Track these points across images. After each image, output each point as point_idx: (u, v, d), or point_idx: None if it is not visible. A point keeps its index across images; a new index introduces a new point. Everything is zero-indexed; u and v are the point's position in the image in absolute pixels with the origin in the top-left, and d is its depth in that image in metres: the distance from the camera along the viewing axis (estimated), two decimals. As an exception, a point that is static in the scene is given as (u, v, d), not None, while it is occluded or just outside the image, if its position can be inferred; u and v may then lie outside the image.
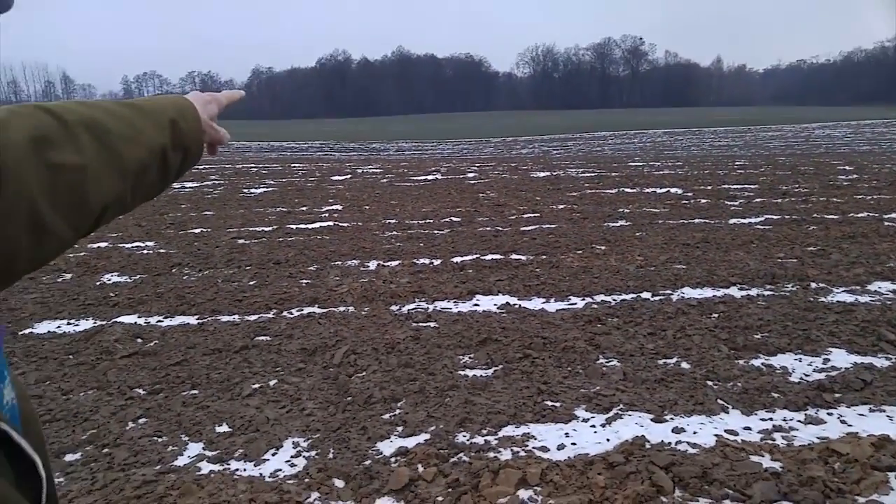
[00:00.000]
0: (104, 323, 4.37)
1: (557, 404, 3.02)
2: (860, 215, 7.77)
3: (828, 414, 2.82)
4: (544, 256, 6.01)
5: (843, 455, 2.38)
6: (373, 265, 5.89)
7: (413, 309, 4.54)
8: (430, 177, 14.45)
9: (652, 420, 2.85)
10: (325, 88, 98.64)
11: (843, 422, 2.75)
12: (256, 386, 3.26)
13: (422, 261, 6.00)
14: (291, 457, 2.60)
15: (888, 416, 2.79)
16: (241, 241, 7.20)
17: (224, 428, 2.85)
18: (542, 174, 13.66)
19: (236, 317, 4.43)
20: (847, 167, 14.05)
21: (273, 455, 2.63)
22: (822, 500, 2.16)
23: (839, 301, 4.39)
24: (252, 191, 12.04)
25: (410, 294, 4.89)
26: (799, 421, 2.77)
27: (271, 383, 3.30)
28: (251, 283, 5.34)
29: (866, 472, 2.27)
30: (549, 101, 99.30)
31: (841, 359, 3.41)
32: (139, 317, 4.50)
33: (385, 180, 13.91)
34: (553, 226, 7.62)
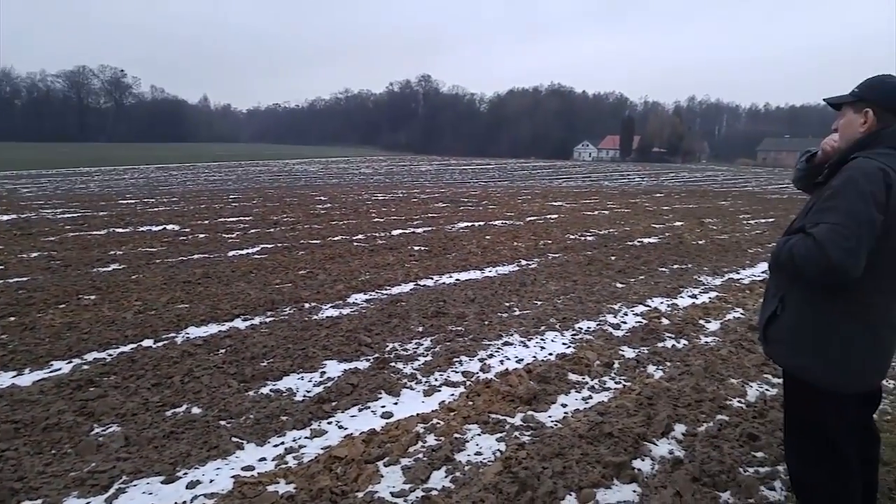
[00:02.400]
0: None
1: (38, 502, 2.39)
2: (336, 238, 9.21)
3: (328, 423, 3.12)
4: (13, 318, 4.79)
5: (343, 458, 2.66)
6: None
7: None
8: None
9: (163, 482, 2.56)
10: None
11: (340, 427, 3.08)
12: None
13: None
14: None
15: (372, 411, 3.30)
16: None
17: None
18: (5, 217, 11.02)
19: None
20: (323, 197, 16.58)
21: None
22: (330, 507, 2.34)
23: (328, 316, 5.01)
24: None
25: None
26: (306, 437, 2.97)
27: None
28: None
29: (361, 467, 2.60)
30: (11, 132, 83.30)
31: (334, 368, 3.86)
32: None
33: None
34: (25, 279, 6.17)
